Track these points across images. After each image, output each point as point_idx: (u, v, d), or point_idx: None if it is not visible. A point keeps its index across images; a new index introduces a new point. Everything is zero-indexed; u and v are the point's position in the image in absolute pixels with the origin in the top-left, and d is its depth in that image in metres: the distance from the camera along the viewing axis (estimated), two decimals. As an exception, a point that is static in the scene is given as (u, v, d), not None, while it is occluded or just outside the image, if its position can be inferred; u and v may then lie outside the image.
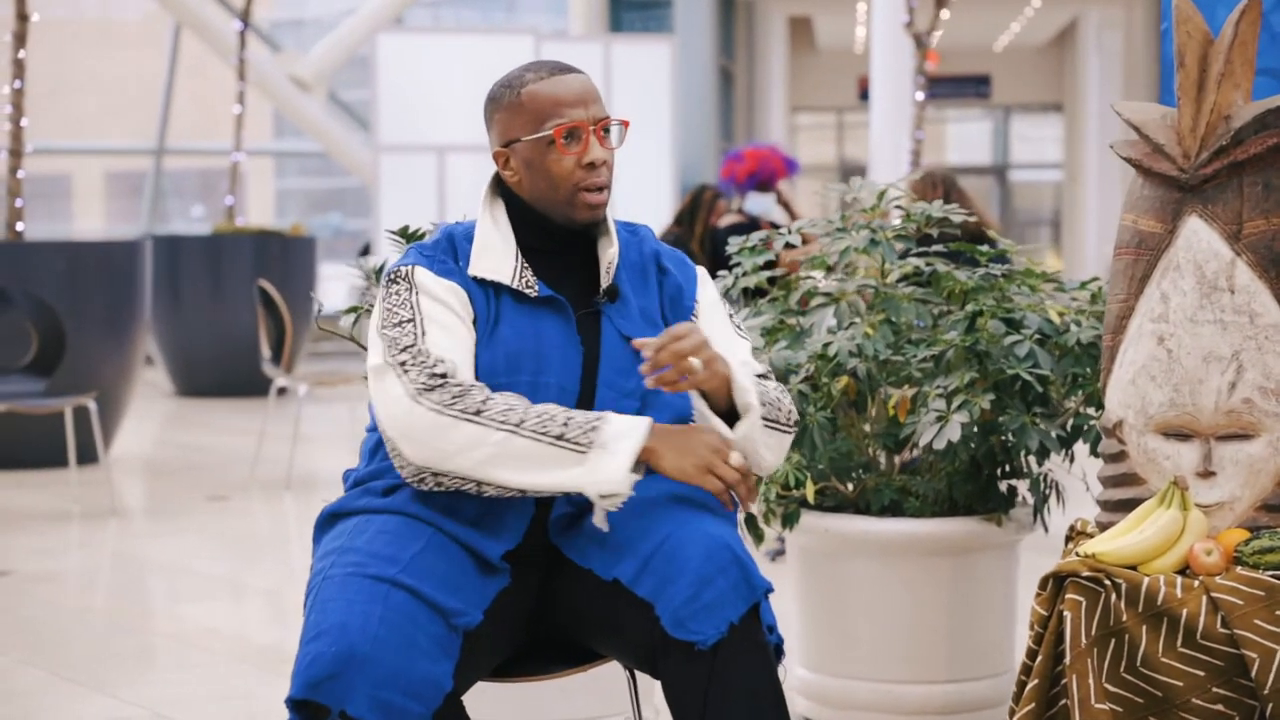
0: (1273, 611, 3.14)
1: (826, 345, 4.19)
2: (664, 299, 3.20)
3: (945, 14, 13.48)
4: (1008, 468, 4.26)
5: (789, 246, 7.06)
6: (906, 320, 4.33)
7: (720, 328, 3.20)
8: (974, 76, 28.83)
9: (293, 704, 2.76)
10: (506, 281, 3.07)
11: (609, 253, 3.14)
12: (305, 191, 31.50)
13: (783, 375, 4.28)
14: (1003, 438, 4.14)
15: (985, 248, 4.49)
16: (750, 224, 9.15)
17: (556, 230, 3.13)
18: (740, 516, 4.30)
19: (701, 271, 3.27)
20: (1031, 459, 4.24)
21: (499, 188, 3.19)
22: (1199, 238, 3.42)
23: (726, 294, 4.59)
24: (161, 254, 13.50)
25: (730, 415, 3.03)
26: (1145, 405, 3.46)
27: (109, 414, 9.56)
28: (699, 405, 3.03)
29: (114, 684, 4.97)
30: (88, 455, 8.54)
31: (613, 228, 3.18)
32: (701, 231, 9.97)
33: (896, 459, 4.43)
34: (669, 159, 16.17)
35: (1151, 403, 3.45)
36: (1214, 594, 3.16)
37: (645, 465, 2.95)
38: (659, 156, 16.19)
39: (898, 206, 4.46)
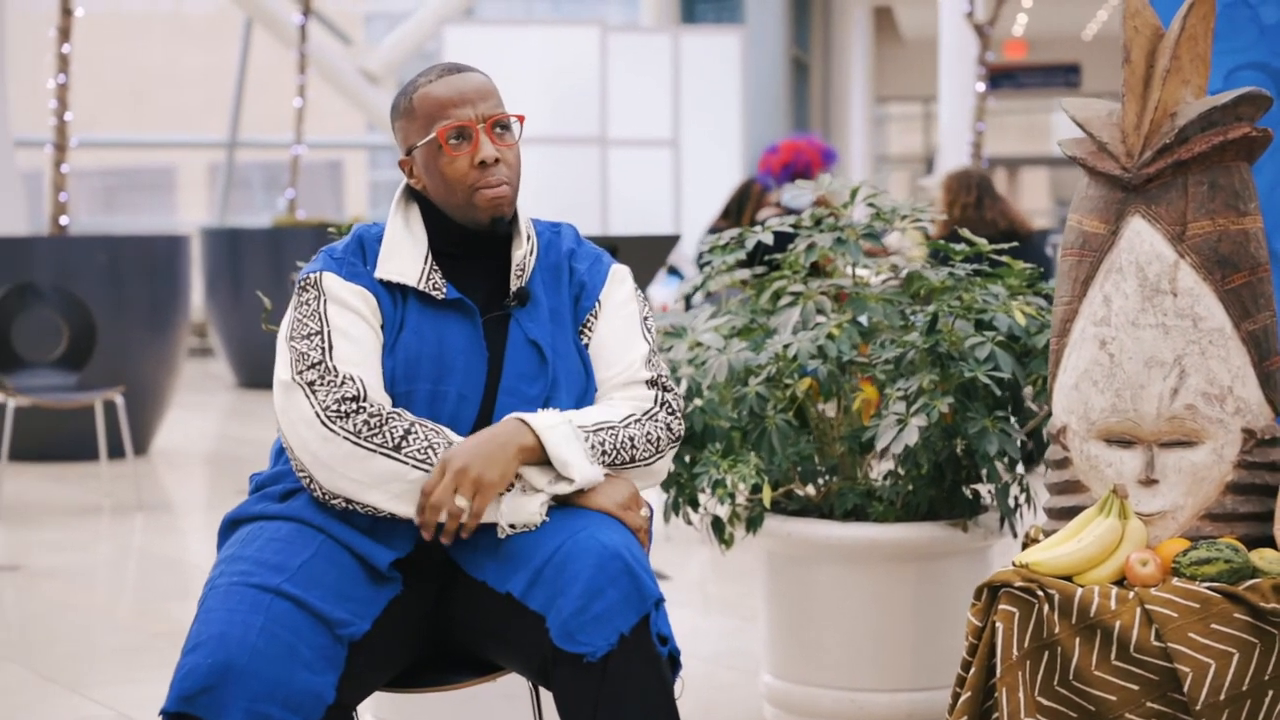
0: (1207, 625, 3.06)
1: (786, 346, 4.12)
2: (571, 298, 3.15)
3: (1028, 1, 13.38)
4: (972, 473, 4.16)
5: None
6: (876, 321, 4.24)
7: (620, 327, 3.15)
8: (1063, 66, 28.61)
9: (167, 717, 2.72)
10: (413, 284, 3.04)
11: (518, 254, 3.09)
12: (395, 184, 31.59)
13: (742, 377, 4.20)
14: (965, 442, 4.05)
15: (960, 246, 4.39)
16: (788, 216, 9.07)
17: (467, 233, 3.09)
18: (707, 522, 4.26)
19: (617, 270, 3.21)
20: (1002, 463, 4.14)
21: (412, 191, 3.15)
22: (1141, 239, 3.33)
23: (698, 290, 4.53)
24: (222, 247, 13.58)
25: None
26: (1087, 411, 3.38)
27: (149, 408, 9.61)
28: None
29: (89, 683, 4.97)
30: (126, 450, 8.56)
31: (525, 229, 3.13)
32: (747, 225, 9.92)
33: (869, 462, 4.34)
34: (738, 151, 16.10)
35: (1093, 408, 3.36)
36: (1148, 606, 3.09)
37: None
38: (728, 149, 16.12)
39: (869, 204, 4.37)
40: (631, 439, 3.01)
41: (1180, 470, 3.30)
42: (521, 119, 3.09)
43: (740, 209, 10.17)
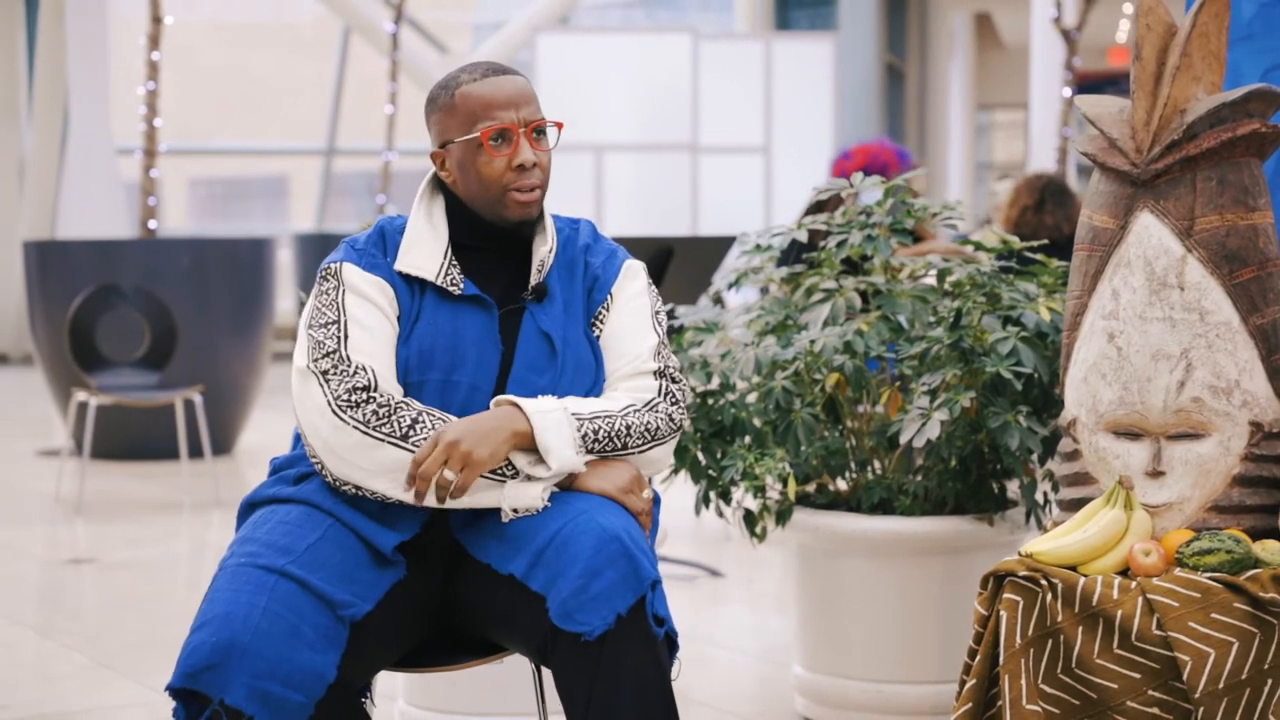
0: (1207, 614, 3.09)
1: (813, 341, 4.17)
2: (584, 291, 3.23)
3: (1129, 8, 13.34)
4: (997, 467, 4.21)
5: (916, 240, 7.01)
6: (908, 317, 4.29)
7: (630, 320, 3.21)
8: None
9: (173, 693, 2.82)
10: (431, 278, 3.12)
11: (541, 252, 3.17)
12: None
13: (770, 372, 4.27)
14: (989, 436, 4.09)
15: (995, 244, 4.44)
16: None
17: (491, 228, 3.17)
18: (740, 515, 4.33)
19: (631, 265, 3.27)
20: (1034, 457, 4.18)
21: (439, 184, 3.23)
22: (1150, 233, 3.37)
23: (731, 287, 4.60)
24: (315, 251, 13.78)
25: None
26: (1096, 403, 3.42)
27: (231, 408, 9.77)
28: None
29: (146, 671, 5.09)
30: (204, 448, 8.72)
31: (549, 226, 3.20)
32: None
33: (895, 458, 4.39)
34: (830, 157, 16.11)
35: (1101, 401, 3.40)
36: (1150, 595, 3.12)
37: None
38: (820, 155, 16.14)
39: (903, 203, 4.42)
40: (628, 428, 3.08)
41: (1187, 462, 3.33)
42: (560, 126, 3.17)
43: (819, 213, 10.17)
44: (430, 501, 2.97)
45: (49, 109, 15.41)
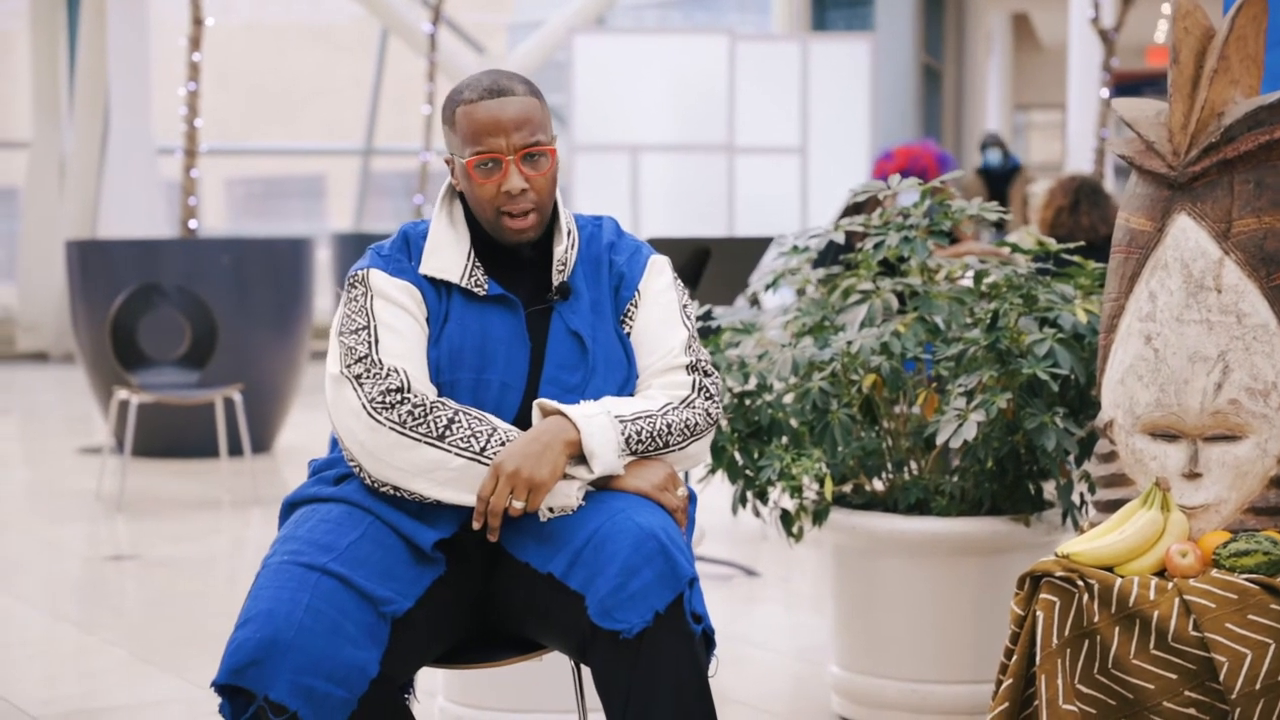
0: (1244, 615, 3.10)
1: (850, 342, 4.20)
2: (611, 289, 3.26)
3: (1168, 8, 13.31)
4: (1035, 468, 4.22)
5: (953, 241, 7.00)
6: (944, 318, 4.30)
7: (659, 316, 3.24)
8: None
9: (219, 689, 2.86)
10: (455, 280, 3.15)
11: (558, 251, 3.20)
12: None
13: (807, 373, 4.29)
14: (1026, 438, 4.11)
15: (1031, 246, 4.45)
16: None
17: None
18: (776, 515, 4.35)
19: (656, 260, 3.30)
20: (1070, 459, 4.19)
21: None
22: (1187, 236, 3.38)
23: (769, 289, 4.62)
24: (353, 251, 13.85)
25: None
26: (1133, 405, 3.43)
27: (271, 406, 9.83)
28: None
29: (187, 666, 5.14)
30: (244, 446, 8.77)
31: (566, 225, 3.23)
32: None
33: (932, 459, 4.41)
34: (866, 159, 16.11)
35: (1139, 403, 3.42)
36: (1186, 596, 3.13)
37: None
38: (856, 155, 16.13)
39: (941, 205, 4.44)
40: (668, 426, 3.11)
41: (1224, 464, 3.34)
42: (552, 152, 3.16)
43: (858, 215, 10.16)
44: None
45: (90, 109, 15.50)
